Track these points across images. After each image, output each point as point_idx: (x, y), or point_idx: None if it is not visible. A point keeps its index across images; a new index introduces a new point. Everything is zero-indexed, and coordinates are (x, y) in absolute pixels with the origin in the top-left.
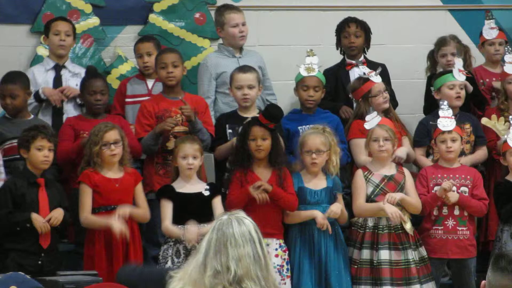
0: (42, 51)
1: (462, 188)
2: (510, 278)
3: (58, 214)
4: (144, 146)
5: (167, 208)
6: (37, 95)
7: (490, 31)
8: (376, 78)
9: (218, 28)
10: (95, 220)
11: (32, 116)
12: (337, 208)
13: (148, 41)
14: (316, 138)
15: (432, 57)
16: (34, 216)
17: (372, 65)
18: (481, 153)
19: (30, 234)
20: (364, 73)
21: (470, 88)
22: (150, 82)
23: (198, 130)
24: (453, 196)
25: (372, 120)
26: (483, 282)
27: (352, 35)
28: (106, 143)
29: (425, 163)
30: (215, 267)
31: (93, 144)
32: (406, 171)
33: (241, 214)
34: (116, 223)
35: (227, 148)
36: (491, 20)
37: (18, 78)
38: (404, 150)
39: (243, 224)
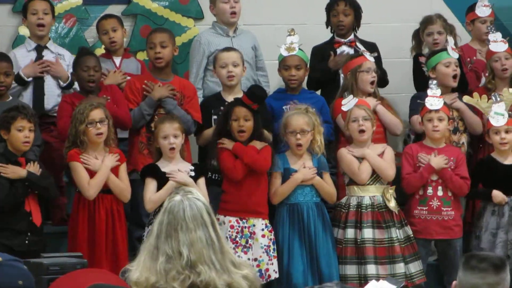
0: (24, 31)
1: None
2: (480, 277)
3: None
4: (136, 115)
5: (150, 186)
6: (18, 78)
7: (483, 9)
8: (370, 57)
9: (211, 5)
10: (96, 181)
11: (10, 97)
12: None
13: (111, 17)
14: (300, 118)
15: (417, 36)
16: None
17: (362, 44)
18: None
19: (22, 213)
20: (360, 48)
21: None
22: (117, 60)
23: (168, 111)
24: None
25: (349, 103)
26: (454, 282)
27: (341, 13)
28: (92, 122)
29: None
30: (166, 252)
31: (79, 122)
32: (388, 148)
33: (195, 194)
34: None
35: (209, 134)
36: None
37: (7, 57)
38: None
39: (195, 206)
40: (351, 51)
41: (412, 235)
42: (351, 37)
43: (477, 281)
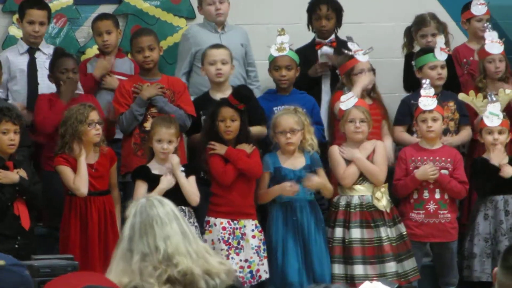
0: (15, 31)
1: (443, 171)
2: None
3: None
4: (128, 117)
5: (141, 189)
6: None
7: (479, 7)
8: (362, 57)
9: (198, 6)
10: (79, 176)
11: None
12: (315, 180)
13: (107, 19)
14: (289, 118)
15: (409, 33)
16: None
17: (342, 44)
18: (465, 133)
19: (11, 217)
20: (351, 50)
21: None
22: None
23: (160, 108)
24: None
25: (348, 101)
26: (495, 269)
27: (323, 18)
28: (91, 122)
29: (406, 139)
30: (142, 251)
31: (78, 122)
32: (378, 144)
33: (158, 196)
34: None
35: (197, 138)
36: None
37: None
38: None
39: (165, 204)
40: (331, 51)
41: (405, 233)
42: (332, 37)
43: (510, 283)
